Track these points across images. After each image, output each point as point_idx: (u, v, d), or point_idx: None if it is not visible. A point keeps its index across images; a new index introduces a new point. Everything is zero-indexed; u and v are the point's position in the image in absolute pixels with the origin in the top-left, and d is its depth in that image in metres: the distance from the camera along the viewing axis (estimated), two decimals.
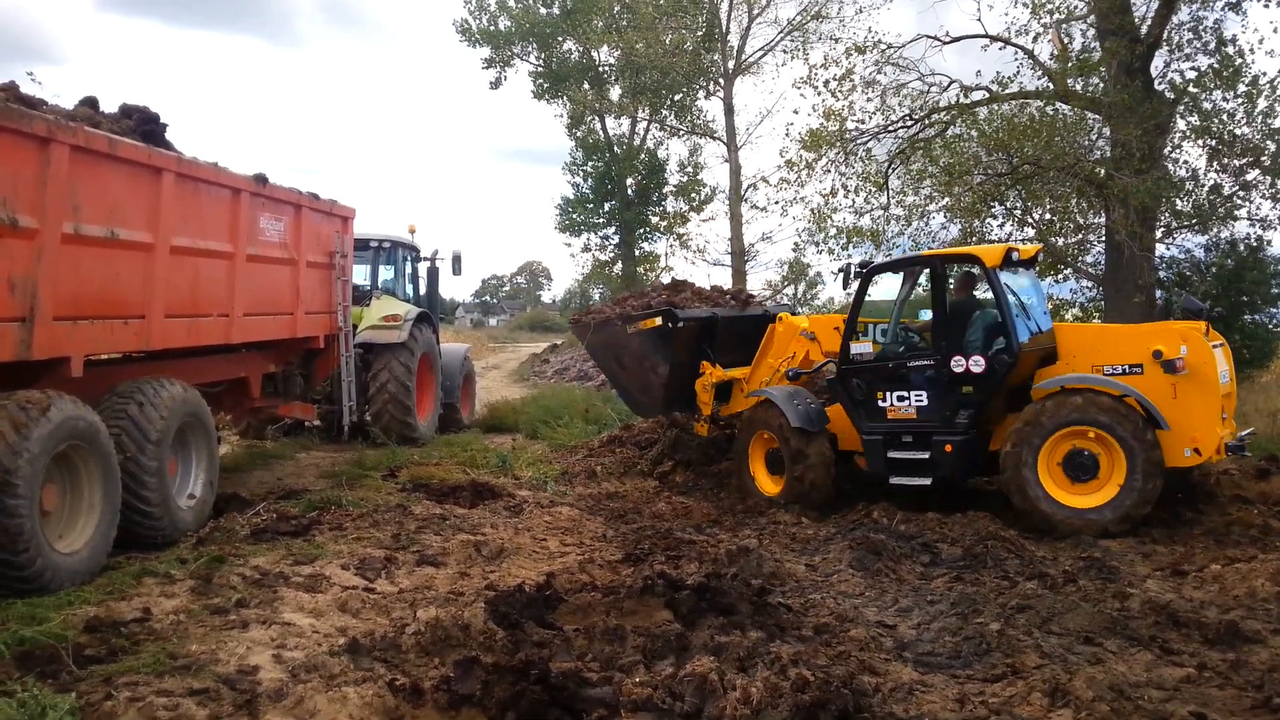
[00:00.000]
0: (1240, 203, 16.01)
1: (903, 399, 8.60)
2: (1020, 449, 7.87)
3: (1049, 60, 16.63)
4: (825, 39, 26.02)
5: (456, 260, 14.98)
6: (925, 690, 4.47)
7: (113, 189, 6.61)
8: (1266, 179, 15.38)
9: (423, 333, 13.05)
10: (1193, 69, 15.52)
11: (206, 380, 8.56)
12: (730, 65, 30.82)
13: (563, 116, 35.51)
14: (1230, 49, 15.04)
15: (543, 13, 34.20)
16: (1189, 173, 16.39)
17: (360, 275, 13.38)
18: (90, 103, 7.47)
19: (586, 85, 33.63)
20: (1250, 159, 15.40)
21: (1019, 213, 18.06)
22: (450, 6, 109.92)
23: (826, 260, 30.77)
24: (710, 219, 44.24)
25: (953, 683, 4.60)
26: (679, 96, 33.16)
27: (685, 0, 30.17)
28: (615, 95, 34.15)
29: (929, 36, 17.14)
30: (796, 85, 18.69)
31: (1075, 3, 16.44)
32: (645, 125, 35.66)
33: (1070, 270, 18.21)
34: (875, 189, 18.30)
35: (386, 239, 14.03)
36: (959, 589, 6.09)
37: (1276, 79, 14.75)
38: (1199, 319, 8.10)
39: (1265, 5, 14.68)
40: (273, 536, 7.08)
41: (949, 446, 8.30)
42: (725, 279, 30.16)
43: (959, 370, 8.27)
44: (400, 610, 5.57)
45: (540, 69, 34.91)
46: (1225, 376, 7.89)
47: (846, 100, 17.83)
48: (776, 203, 22.43)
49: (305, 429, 13.10)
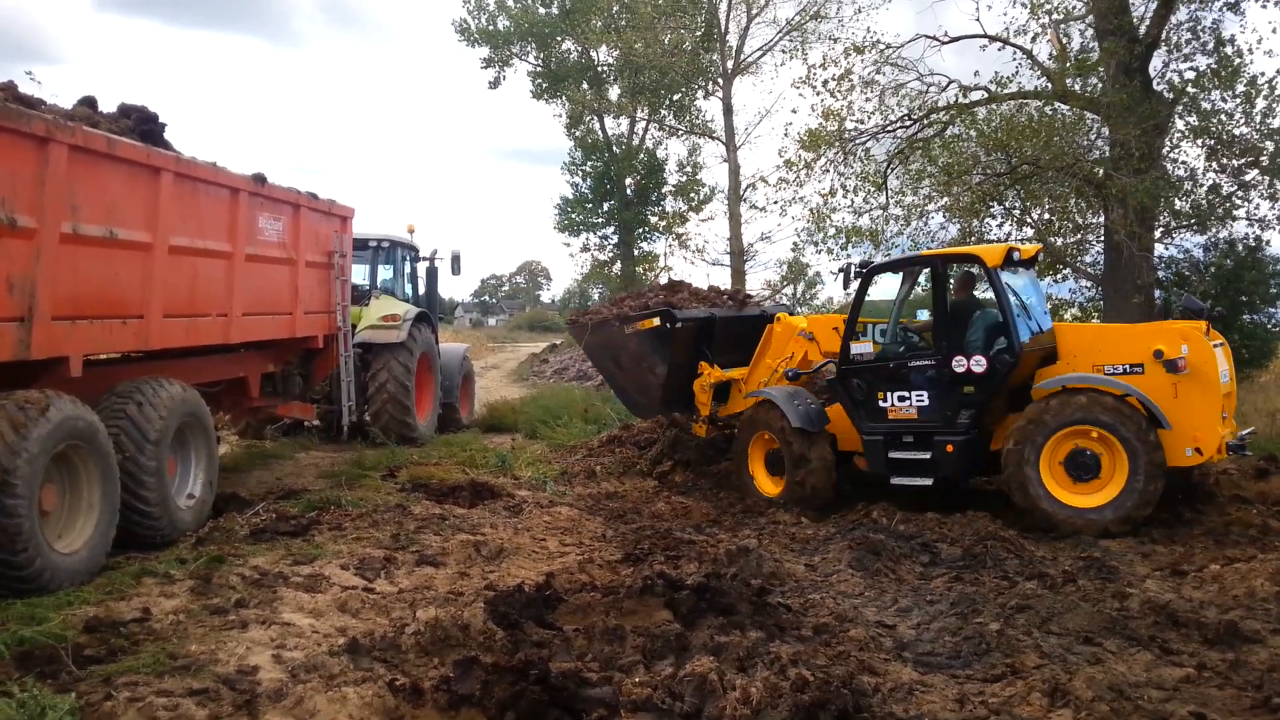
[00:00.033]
0: (1239, 203, 16.05)
1: (904, 399, 8.60)
2: (1023, 447, 7.87)
3: (1048, 60, 16.66)
4: (824, 39, 25.98)
5: (455, 260, 14.98)
6: (925, 690, 4.47)
7: (111, 189, 6.60)
8: (1265, 179, 15.41)
9: (422, 332, 13.04)
10: (1191, 69, 15.59)
11: (205, 380, 8.56)
12: (729, 65, 30.83)
13: (562, 116, 35.60)
14: (1228, 49, 15.09)
15: (541, 12, 34.21)
16: (1187, 173, 16.44)
17: (359, 275, 13.36)
18: (89, 102, 7.45)
19: (585, 85, 33.62)
20: (1249, 159, 15.43)
21: (1018, 213, 18.08)
22: (449, 6, 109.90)
23: (825, 260, 30.77)
24: (709, 219, 44.37)
25: (952, 683, 4.60)
26: (678, 96, 33.16)
27: (684, 0, 30.17)
28: (614, 95, 34.16)
29: (928, 36, 17.19)
30: (795, 85, 18.79)
31: (1074, 3, 16.48)
32: (644, 125, 35.70)
33: (1069, 270, 18.22)
34: (874, 189, 18.32)
35: (385, 239, 14.02)
36: (958, 589, 6.09)
37: (1275, 79, 14.80)
38: (1199, 318, 8.10)
39: (1263, 6, 14.79)
40: (272, 536, 7.07)
41: (950, 447, 8.29)
42: (724, 279, 30.20)
43: (960, 370, 8.26)
44: (400, 610, 5.57)
45: (539, 69, 34.91)
46: (1226, 376, 7.89)
47: (845, 100, 17.88)
48: (775, 203, 22.58)
49: (304, 429, 13.10)
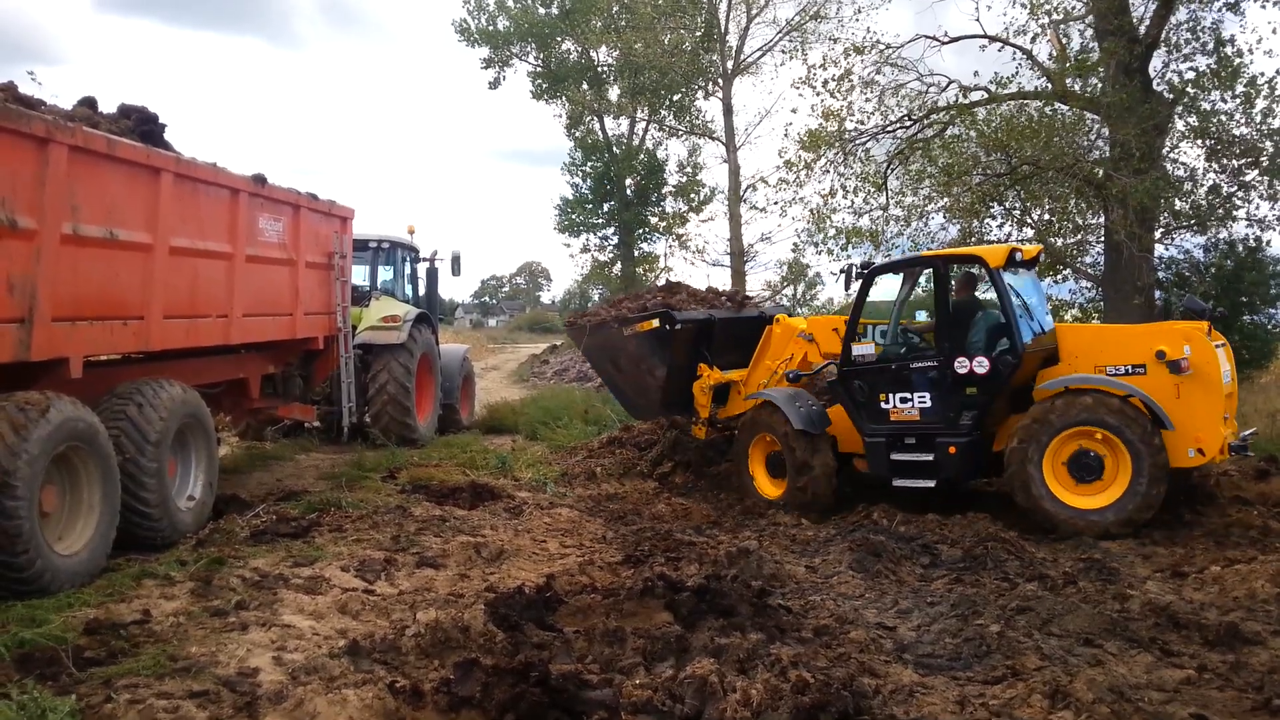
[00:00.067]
0: (1239, 203, 16.06)
1: (906, 401, 8.58)
2: (1027, 445, 7.86)
3: (1047, 60, 16.67)
4: (824, 39, 26.00)
5: (456, 261, 14.97)
6: (925, 692, 4.47)
7: (111, 189, 6.60)
8: (1264, 179, 15.42)
9: (422, 333, 13.03)
10: (1191, 69, 15.61)
11: (206, 381, 8.55)
12: (729, 65, 30.84)
13: (561, 117, 35.62)
14: (1228, 49, 15.10)
15: (541, 13, 34.23)
16: (1187, 173, 16.45)
17: (359, 276, 13.36)
18: (89, 103, 7.45)
19: (585, 85, 33.64)
20: (1248, 159, 15.44)
21: (1018, 213, 18.09)
22: (449, 7, 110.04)
23: (826, 261, 30.78)
24: (709, 219, 44.31)
25: (953, 684, 4.59)
26: (678, 97, 33.18)
27: (684, 0, 30.18)
28: (614, 95, 34.19)
29: (927, 37, 17.20)
30: (795, 85, 18.78)
31: (1073, 3, 16.49)
32: (644, 125, 35.72)
33: (1069, 271, 18.22)
34: (874, 189, 18.32)
35: (385, 239, 14.01)
36: (959, 590, 6.09)
37: (1274, 79, 14.82)
38: (1201, 319, 8.10)
39: (1263, 6, 14.81)
40: (272, 538, 7.07)
41: (953, 448, 8.28)
42: (725, 280, 30.20)
43: (963, 371, 8.24)
44: (400, 612, 5.57)
45: (539, 69, 34.92)
46: (1227, 376, 7.89)
47: (845, 100, 17.89)
48: (775, 203, 22.58)
49: (304, 430, 13.09)
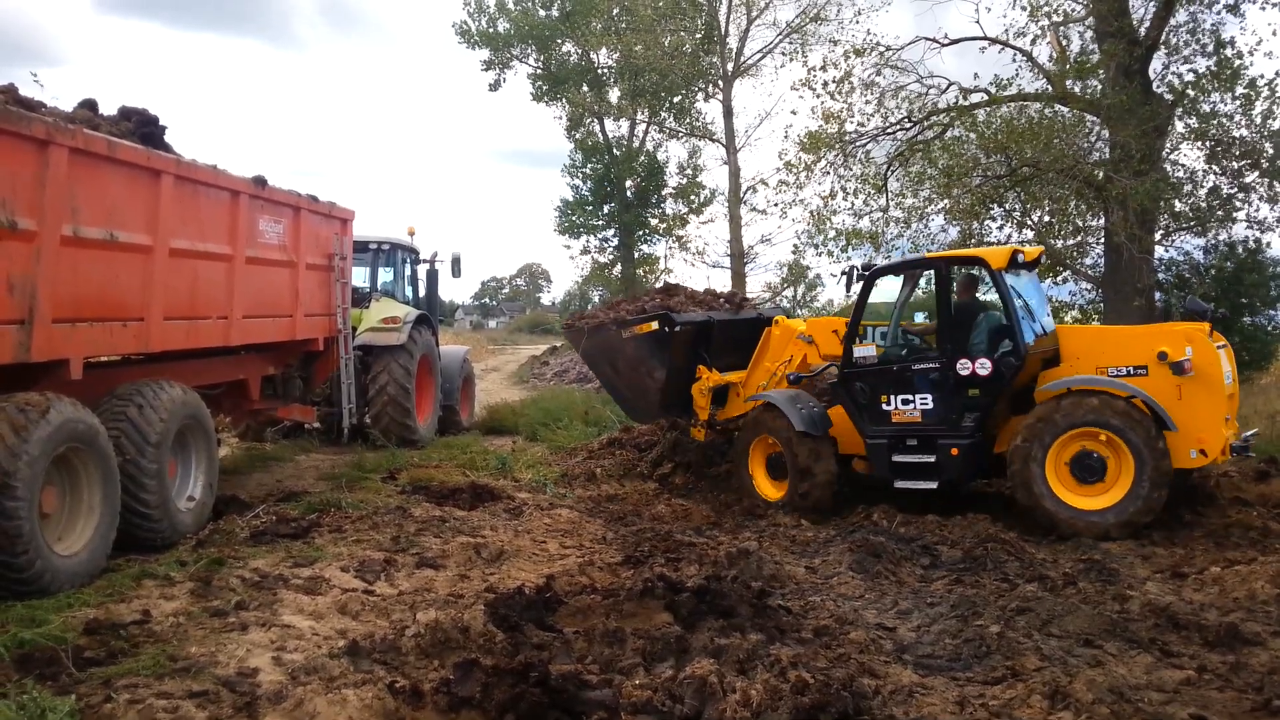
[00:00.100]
0: (1239, 205, 16.08)
1: (907, 402, 8.57)
2: (1030, 444, 7.86)
3: (1047, 62, 16.67)
4: (824, 41, 26.05)
5: (456, 262, 14.97)
6: (925, 693, 4.47)
7: (112, 191, 6.61)
8: (1264, 181, 15.43)
9: (422, 335, 13.04)
10: (1191, 71, 15.62)
11: (206, 382, 8.55)
12: (729, 67, 30.88)
13: (562, 119, 35.56)
14: (1228, 51, 15.10)
15: (541, 15, 34.21)
16: (1187, 175, 16.47)
17: (359, 277, 13.37)
18: (89, 105, 7.45)
19: (585, 87, 33.64)
20: (1248, 161, 15.45)
21: (1018, 215, 18.09)
22: (450, 8, 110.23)
23: (826, 263, 30.78)
24: (709, 221, 44.25)
25: (953, 685, 4.59)
26: (678, 99, 33.15)
27: (684, 2, 30.20)
28: (614, 97, 34.15)
29: (927, 39, 17.21)
30: (795, 87, 18.73)
31: (1073, 5, 16.50)
32: (644, 127, 35.69)
33: (1069, 272, 18.23)
34: (874, 191, 18.32)
35: (386, 241, 14.03)
36: (959, 591, 6.09)
37: (1274, 81, 14.83)
38: (1203, 320, 8.10)
39: (1263, 8, 14.77)
40: (272, 539, 7.07)
41: (955, 450, 8.28)
42: (725, 281, 30.23)
43: (965, 373, 8.23)
44: (400, 612, 5.57)
45: (539, 71, 34.90)
46: (1229, 377, 7.90)
47: (845, 102, 17.89)
48: (775, 205, 22.46)
49: (304, 431, 13.10)
